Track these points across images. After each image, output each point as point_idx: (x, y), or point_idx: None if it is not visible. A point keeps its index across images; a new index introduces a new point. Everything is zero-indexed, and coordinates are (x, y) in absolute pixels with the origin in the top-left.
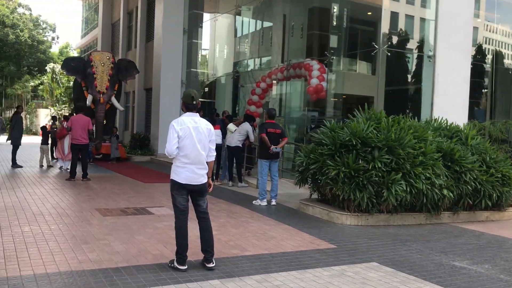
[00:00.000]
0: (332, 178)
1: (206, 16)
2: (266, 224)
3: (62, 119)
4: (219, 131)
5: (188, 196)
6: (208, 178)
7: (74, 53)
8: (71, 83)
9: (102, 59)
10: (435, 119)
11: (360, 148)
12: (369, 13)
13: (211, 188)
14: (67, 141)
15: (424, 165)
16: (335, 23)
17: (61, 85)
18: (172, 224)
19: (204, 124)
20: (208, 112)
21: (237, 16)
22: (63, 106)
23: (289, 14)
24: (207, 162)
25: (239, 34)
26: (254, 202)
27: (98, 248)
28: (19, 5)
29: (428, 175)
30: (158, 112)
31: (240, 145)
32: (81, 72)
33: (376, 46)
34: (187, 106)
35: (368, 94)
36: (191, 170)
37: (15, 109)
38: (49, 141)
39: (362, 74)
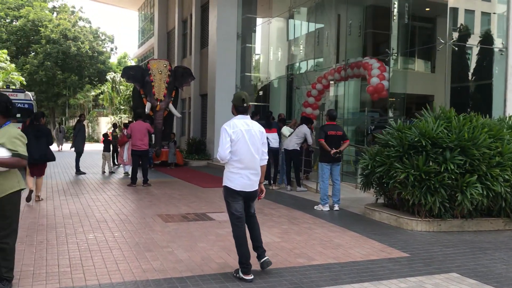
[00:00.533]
0: (401, 181)
1: (259, 20)
2: (330, 230)
3: (123, 126)
4: (275, 135)
5: (243, 201)
6: (260, 183)
7: (132, 63)
8: (130, 91)
9: (159, 67)
10: (510, 116)
11: (430, 149)
12: (428, 9)
13: (263, 194)
14: (127, 148)
15: (502, 166)
16: (394, 20)
17: (120, 94)
18: None
19: (257, 127)
20: (264, 116)
21: (290, 19)
22: (124, 114)
23: (345, 13)
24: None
25: (292, 37)
26: (315, 207)
27: (161, 256)
28: (80, 18)
29: (507, 177)
30: (213, 117)
31: (298, 148)
32: (140, 80)
33: (442, 41)
34: (238, 108)
35: (428, 93)
36: (246, 176)
37: (78, 118)
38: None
39: (421, 72)
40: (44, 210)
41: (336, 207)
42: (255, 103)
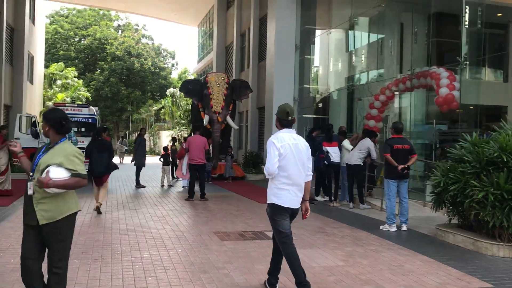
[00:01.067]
0: (478, 201)
1: (318, 31)
2: (399, 254)
3: (182, 140)
4: (336, 148)
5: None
6: (306, 201)
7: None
8: (190, 106)
9: (217, 80)
10: None
11: None
12: (499, 15)
13: (308, 213)
14: (185, 161)
15: None
16: (465, 26)
17: (180, 108)
18: None
19: (303, 141)
20: (324, 128)
21: (350, 29)
22: (183, 128)
23: (409, 21)
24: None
25: (353, 47)
26: (381, 227)
27: (217, 279)
28: (143, 36)
29: None
30: (270, 130)
31: (361, 163)
32: (198, 94)
33: None
34: (282, 122)
35: (501, 103)
36: (293, 193)
37: (138, 132)
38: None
39: (493, 82)
40: (102, 225)
41: (404, 227)
42: (314, 116)
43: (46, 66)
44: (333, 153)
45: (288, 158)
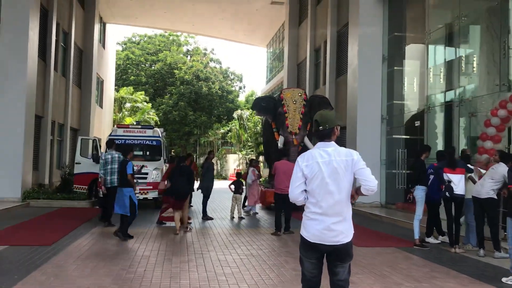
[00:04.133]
0: None
1: (410, 39)
2: None
3: (249, 164)
4: (462, 177)
5: (321, 261)
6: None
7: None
8: (256, 128)
9: (293, 96)
10: None
11: None
12: None
13: (355, 199)
14: (255, 187)
15: None
16: None
17: (248, 131)
18: None
19: (343, 155)
20: (445, 152)
21: (450, 32)
22: (249, 150)
23: None
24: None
25: (458, 53)
26: (505, 279)
27: None
28: (211, 59)
29: None
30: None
31: (495, 196)
32: (272, 112)
33: None
34: (314, 134)
35: None
36: (324, 224)
37: (207, 155)
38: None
39: None
40: (157, 282)
41: None
42: (406, 136)
43: (117, 91)
44: (458, 182)
45: (316, 180)
